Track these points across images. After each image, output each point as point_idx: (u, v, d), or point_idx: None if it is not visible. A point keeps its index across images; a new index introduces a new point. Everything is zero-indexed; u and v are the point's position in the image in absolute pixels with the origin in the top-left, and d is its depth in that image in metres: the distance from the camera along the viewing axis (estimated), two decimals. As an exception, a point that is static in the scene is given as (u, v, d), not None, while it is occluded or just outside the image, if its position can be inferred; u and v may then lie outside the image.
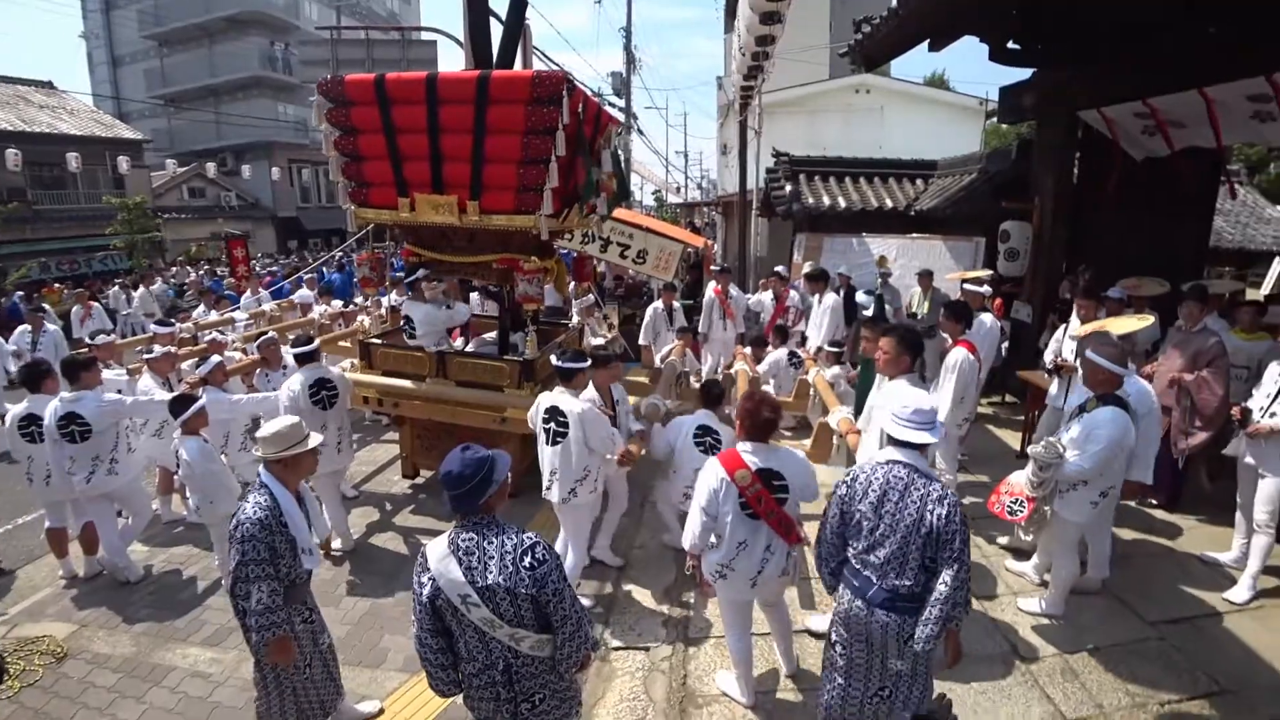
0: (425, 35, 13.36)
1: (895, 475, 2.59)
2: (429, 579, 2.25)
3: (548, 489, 4.02)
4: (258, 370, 5.76)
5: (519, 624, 2.23)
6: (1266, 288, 12.56)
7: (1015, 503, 3.65)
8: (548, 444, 3.98)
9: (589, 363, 4.10)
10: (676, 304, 8.27)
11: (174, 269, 18.95)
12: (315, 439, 3.01)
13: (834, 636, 2.79)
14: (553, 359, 4.18)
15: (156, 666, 3.76)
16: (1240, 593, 4.10)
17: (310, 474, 3.08)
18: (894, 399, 2.76)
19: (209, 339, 6.33)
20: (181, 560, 4.84)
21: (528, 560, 2.18)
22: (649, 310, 8.24)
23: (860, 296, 7.46)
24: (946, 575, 2.45)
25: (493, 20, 5.76)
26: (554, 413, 3.95)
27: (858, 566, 2.67)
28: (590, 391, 4.17)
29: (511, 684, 2.30)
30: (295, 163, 31.74)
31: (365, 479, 6.08)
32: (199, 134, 30.62)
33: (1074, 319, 6.15)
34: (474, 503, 2.21)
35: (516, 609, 2.21)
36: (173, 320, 7.26)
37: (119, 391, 4.84)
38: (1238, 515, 4.38)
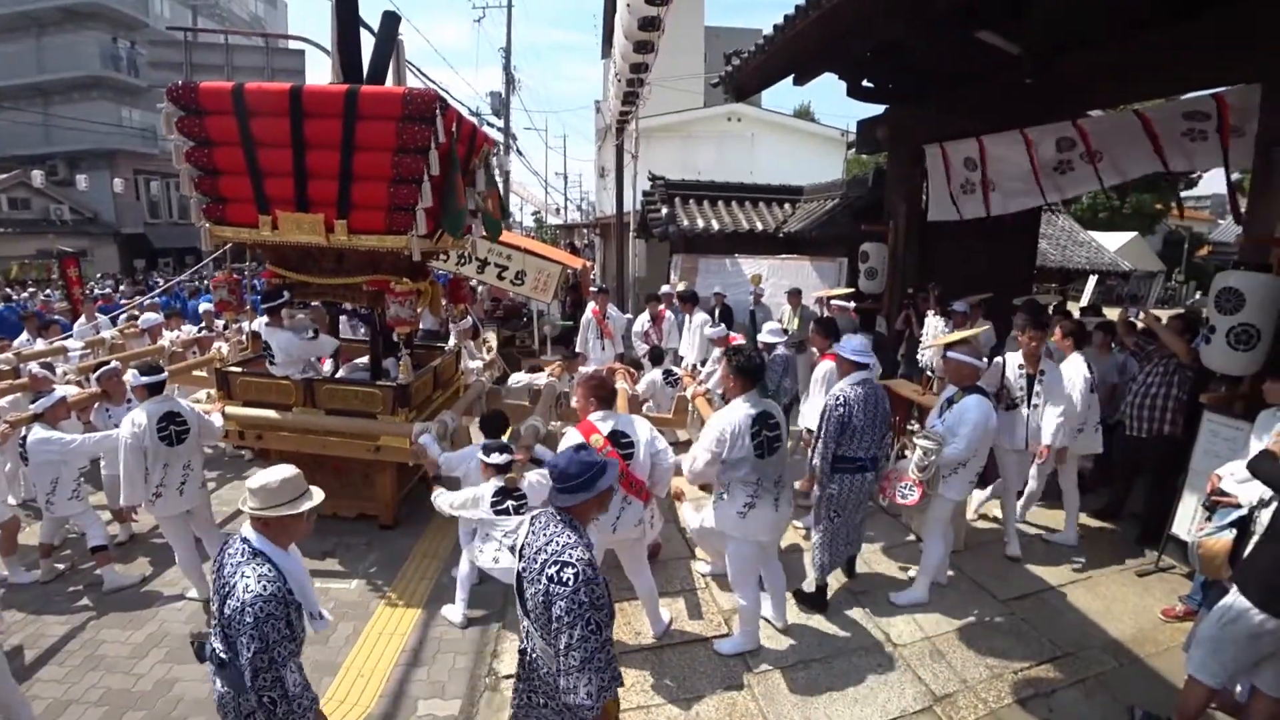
0: (293, 44, 12.64)
1: (868, 388, 4.05)
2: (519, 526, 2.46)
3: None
4: (96, 405, 5.19)
5: (534, 620, 2.19)
6: (1084, 301, 14.30)
7: (906, 488, 4.04)
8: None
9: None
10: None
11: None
12: (317, 497, 2.50)
13: (830, 512, 4.07)
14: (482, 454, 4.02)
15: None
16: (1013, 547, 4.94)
17: (303, 538, 2.55)
18: (844, 345, 4.20)
19: (31, 370, 5.62)
20: (-1, 628, 4.21)
21: (552, 570, 2.08)
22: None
23: (709, 330, 7.63)
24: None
25: (365, 33, 5.57)
26: (505, 494, 4.01)
27: (855, 455, 4.00)
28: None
29: (524, 666, 2.34)
30: (142, 174, 28.78)
31: (227, 520, 5.58)
32: (23, 137, 27.00)
33: (927, 331, 6.75)
34: (569, 502, 2.23)
35: (535, 603, 2.15)
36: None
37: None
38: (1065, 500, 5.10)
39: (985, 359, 4.36)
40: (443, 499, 4.10)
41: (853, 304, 7.51)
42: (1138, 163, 5.86)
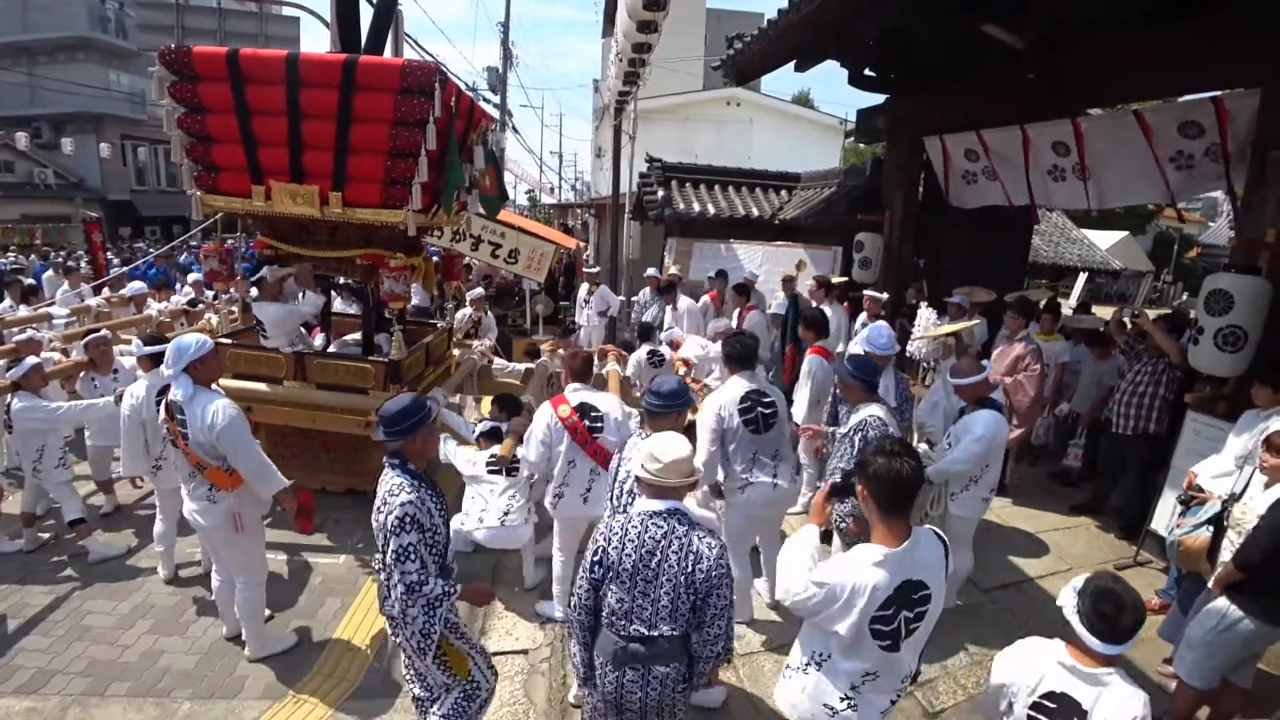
0: (288, 11, 12.40)
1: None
2: None
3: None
4: (82, 374, 5.12)
5: None
6: (1074, 298, 14.41)
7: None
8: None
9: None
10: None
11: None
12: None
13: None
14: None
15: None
16: None
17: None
18: (875, 338, 4.40)
19: (21, 338, 5.54)
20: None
21: None
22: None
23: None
24: None
25: (363, 2, 5.48)
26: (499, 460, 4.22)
27: None
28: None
29: None
30: (129, 139, 28.26)
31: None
32: (7, 98, 26.47)
33: (919, 322, 6.78)
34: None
35: None
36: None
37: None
38: None
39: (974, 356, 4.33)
40: (451, 449, 4.33)
41: (885, 294, 7.31)
42: (1124, 187, 5.90)
